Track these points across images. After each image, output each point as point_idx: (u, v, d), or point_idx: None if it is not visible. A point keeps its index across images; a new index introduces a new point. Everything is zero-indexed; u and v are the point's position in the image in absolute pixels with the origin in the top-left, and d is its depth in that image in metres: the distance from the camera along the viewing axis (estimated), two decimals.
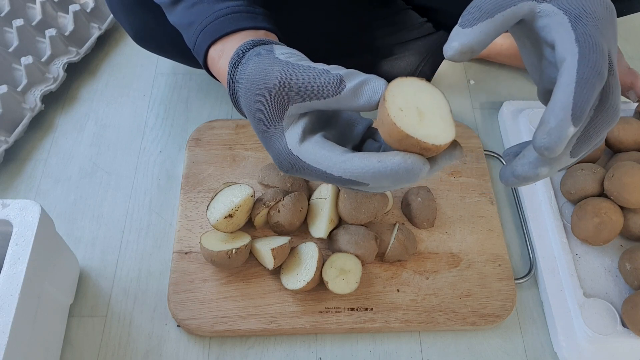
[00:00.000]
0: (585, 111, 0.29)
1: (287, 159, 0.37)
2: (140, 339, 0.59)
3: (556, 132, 0.29)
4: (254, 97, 0.38)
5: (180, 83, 0.81)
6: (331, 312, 0.59)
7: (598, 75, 0.30)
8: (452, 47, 0.33)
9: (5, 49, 0.76)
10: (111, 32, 0.86)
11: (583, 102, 0.29)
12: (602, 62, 0.30)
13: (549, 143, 0.29)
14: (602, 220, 0.60)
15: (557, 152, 0.30)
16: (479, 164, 0.71)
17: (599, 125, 0.31)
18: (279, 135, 0.37)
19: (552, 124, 0.29)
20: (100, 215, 0.67)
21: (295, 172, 0.38)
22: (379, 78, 0.34)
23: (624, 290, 0.61)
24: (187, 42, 0.48)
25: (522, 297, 0.64)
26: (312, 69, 0.35)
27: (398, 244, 0.61)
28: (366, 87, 0.34)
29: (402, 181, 0.32)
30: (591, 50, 0.30)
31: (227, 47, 0.43)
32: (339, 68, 0.35)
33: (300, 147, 0.36)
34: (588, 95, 0.29)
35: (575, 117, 0.29)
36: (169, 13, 0.50)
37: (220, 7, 0.45)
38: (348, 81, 0.34)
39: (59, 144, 0.74)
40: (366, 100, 0.34)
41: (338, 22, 0.73)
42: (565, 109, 0.29)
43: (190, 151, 0.70)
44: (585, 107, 0.29)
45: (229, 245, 0.57)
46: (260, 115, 0.38)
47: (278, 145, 0.38)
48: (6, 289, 0.45)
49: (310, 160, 0.36)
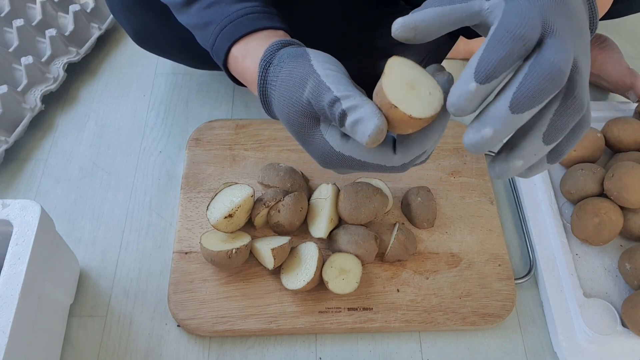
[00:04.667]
0: (492, 67, 0.29)
1: (332, 156, 0.38)
2: (140, 339, 0.59)
3: (459, 88, 0.30)
4: (288, 105, 0.39)
5: (180, 83, 0.81)
6: (331, 312, 0.59)
7: (511, 35, 0.30)
8: (398, 21, 0.34)
9: (6, 49, 0.76)
10: (111, 32, 0.86)
11: (489, 59, 0.29)
12: (521, 25, 0.30)
13: (453, 99, 0.30)
14: (602, 220, 0.60)
15: (463, 109, 0.30)
16: (479, 164, 0.71)
17: (565, 116, 0.31)
18: (319, 138, 0.39)
19: (457, 82, 0.30)
20: (100, 215, 0.67)
21: (340, 167, 0.39)
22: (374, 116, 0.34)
23: (624, 290, 0.62)
24: (202, 42, 0.48)
25: (522, 297, 0.64)
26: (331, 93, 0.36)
27: (398, 244, 0.61)
28: (359, 126, 0.34)
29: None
30: (511, 15, 0.31)
31: (250, 47, 0.44)
32: (354, 95, 0.36)
33: (348, 145, 0.37)
34: (495, 52, 0.29)
35: (478, 72, 0.29)
36: (180, 13, 0.50)
37: (238, 7, 0.45)
38: (349, 115, 0.35)
39: (59, 144, 0.74)
40: (359, 138, 0.35)
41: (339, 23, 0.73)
42: (470, 66, 0.30)
43: (190, 151, 0.70)
44: (491, 63, 0.29)
45: (229, 245, 0.57)
46: (295, 122, 0.39)
47: (322, 149, 0.39)
48: (6, 289, 0.45)
49: (355, 154, 0.37)
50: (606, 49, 0.79)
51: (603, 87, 0.81)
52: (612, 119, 0.71)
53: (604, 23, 0.88)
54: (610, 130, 0.69)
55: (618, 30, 0.92)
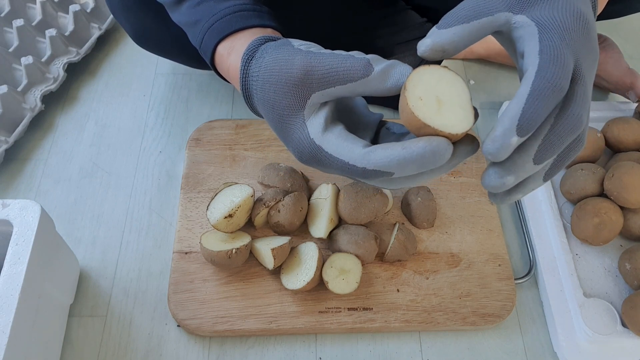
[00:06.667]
0: (533, 122, 0.30)
1: (308, 148, 0.37)
2: (140, 339, 0.59)
3: (500, 140, 0.30)
4: (273, 87, 0.38)
5: (180, 83, 0.81)
6: (331, 312, 0.59)
7: (552, 88, 0.30)
8: (425, 43, 0.34)
9: (6, 49, 0.76)
10: (111, 32, 0.86)
11: (532, 113, 0.30)
12: (560, 75, 0.30)
13: (492, 149, 0.31)
14: (602, 220, 0.60)
15: (500, 157, 0.31)
16: (479, 164, 0.71)
17: (560, 133, 0.31)
18: (299, 124, 0.38)
19: (498, 132, 0.30)
20: (101, 215, 0.67)
21: (315, 163, 0.38)
22: (403, 63, 0.35)
23: (624, 290, 0.62)
24: (192, 40, 0.48)
25: (522, 297, 0.64)
26: (337, 55, 0.36)
27: (398, 244, 0.61)
28: (393, 70, 0.35)
29: (427, 164, 0.33)
30: (551, 62, 0.31)
31: (236, 44, 0.43)
32: (360, 53, 0.36)
33: (323, 137, 0.37)
34: (538, 106, 0.30)
35: (520, 127, 0.30)
36: (172, 12, 0.50)
37: (227, 5, 0.45)
38: (375, 64, 0.35)
39: (59, 144, 0.74)
40: (393, 82, 0.35)
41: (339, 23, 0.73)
42: (513, 119, 0.30)
43: (190, 151, 0.70)
44: (533, 118, 0.30)
45: (229, 245, 0.57)
46: (280, 105, 0.38)
47: (299, 135, 0.38)
48: (6, 289, 0.45)
49: (333, 151, 0.36)
50: (606, 49, 0.79)
51: (603, 87, 0.81)
52: (612, 119, 0.71)
53: (604, 23, 0.88)
54: (610, 130, 0.69)
55: (618, 30, 0.92)
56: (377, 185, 0.37)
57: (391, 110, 0.78)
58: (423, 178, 0.35)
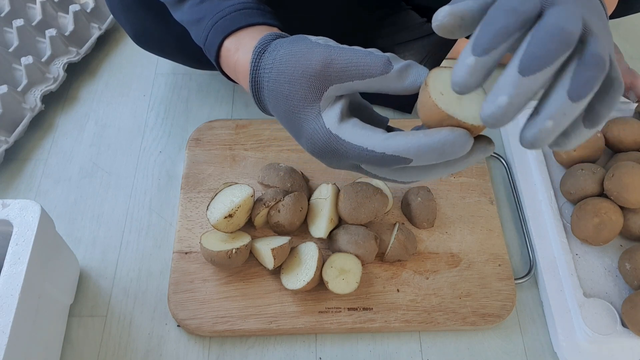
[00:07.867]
0: (487, 38, 0.29)
1: (323, 138, 0.38)
2: (140, 339, 0.59)
3: (459, 65, 0.29)
4: (288, 79, 0.38)
5: (180, 83, 0.81)
6: (331, 312, 0.59)
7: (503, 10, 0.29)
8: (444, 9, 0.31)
9: (6, 49, 0.76)
10: (111, 32, 0.86)
11: (485, 30, 0.29)
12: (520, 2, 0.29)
13: (456, 78, 0.29)
14: (602, 220, 0.60)
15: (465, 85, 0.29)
16: (479, 164, 0.71)
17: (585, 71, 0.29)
18: (314, 116, 0.38)
19: (458, 59, 0.30)
20: (100, 215, 0.67)
21: (328, 154, 0.38)
22: (419, 64, 0.36)
23: (624, 290, 0.62)
24: (195, 38, 0.48)
25: (522, 297, 0.64)
26: (357, 50, 0.37)
27: (398, 244, 0.61)
28: (411, 69, 0.36)
29: (447, 153, 0.33)
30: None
31: (243, 41, 0.44)
32: (378, 51, 0.37)
33: (340, 127, 0.37)
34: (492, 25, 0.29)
35: (475, 45, 0.29)
36: (175, 10, 0.50)
37: (231, 3, 0.45)
38: (394, 63, 0.36)
39: (59, 144, 0.74)
40: (411, 82, 0.35)
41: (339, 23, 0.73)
42: (469, 43, 0.29)
43: (190, 151, 0.70)
44: (486, 33, 0.29)
45: (229, 245, 0.57)
46: (295, 96, 0.38)
47: (314, 126, 0.38)
48: (6, 289, 0.45)
49: (351, 138, 0.36)
50: None
51: None
52: (612, 119, 0.71)
53: None
54: (610, 130, 0.69)
55: (618, 30, 0.92)
56: (389, 177, 0.38)
57: (391, 111, 0.79)
58: (437, 171, 0.36)
